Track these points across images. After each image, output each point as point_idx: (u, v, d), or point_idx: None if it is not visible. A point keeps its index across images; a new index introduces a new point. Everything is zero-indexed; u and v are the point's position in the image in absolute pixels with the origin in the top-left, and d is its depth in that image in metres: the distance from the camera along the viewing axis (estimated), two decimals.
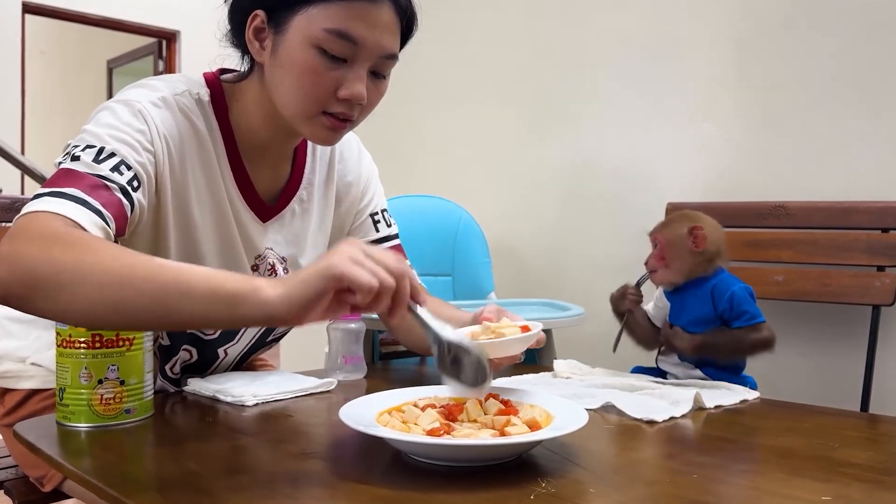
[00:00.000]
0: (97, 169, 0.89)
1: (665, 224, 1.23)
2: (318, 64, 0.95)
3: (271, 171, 1.12)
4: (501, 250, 2.26)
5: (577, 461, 0.77)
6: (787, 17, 1.79)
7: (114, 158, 0.91)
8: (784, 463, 0.79)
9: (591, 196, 2.15)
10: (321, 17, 0.93)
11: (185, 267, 0.76)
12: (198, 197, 1.03)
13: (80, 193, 0.85)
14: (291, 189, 1.15)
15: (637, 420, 0.94)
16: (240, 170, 1.07)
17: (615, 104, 2.10)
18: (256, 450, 0.84)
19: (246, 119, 1.06)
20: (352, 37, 0.94)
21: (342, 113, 0.98)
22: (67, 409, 0.90)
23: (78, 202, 0.84)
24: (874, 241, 1.60)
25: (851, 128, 1.70)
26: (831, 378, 1.72)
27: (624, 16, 2.08)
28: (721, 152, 1.90)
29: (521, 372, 1.24)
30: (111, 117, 0.95)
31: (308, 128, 1.00)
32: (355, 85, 0.96)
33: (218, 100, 1.06)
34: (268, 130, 1.06)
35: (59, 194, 0.84)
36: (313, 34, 0.94)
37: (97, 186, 0.87)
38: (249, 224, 1.09)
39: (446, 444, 0.73)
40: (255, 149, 1.08)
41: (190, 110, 1.02)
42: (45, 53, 6.51)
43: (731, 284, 1.17)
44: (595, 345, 1.91)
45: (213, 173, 1.04)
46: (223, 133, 1.06)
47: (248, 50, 1.02)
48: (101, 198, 0.87)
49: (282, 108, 1.00)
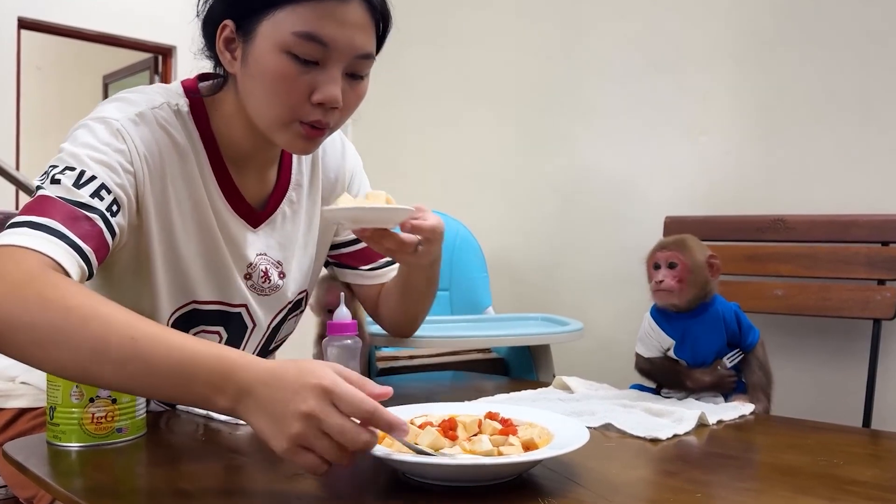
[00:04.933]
0: (77, 195, 0.87)
1: (683, 246, 1.16)
2: (289, 69, 0.92)
3: (258, 176, 1.10)
4: (498, 264, 2.25)
5: (579, 480, 0.76)
6: (783, 30, 1.80)
7: (94, 182, 0.89)
8: (788, 481, 0.78)
9: (589, 210, 2.14)
10: (288, 21, 0.91)
11: (161, 349, 0.73)
12: (181, 212, 1.01)
13: (59, 226, 0.84)
14: (280, 192, 1.12)
15: (639, 438, 0.93)
16: (225, 178, 1.05)
17: (612, 118, 2.09)
18: (250, 470, 0.82)
19: (227, 129, 1.04)
20: (321, 38, 0.91)
21: (317, 121, 0.96)
22: (58, 428, 0.88)
23: (56, 236, 0.83)
24: (874, 254, 1.60)
25: (851, 141, 1.70)
26: (832, 393, 1.71)
27: (622, 30, 2.08)
28: (719, 166, 1.90)
29: (521, 388, 1.23)
30: (90, 136, 0.93)
31: (283, 137, 0.98)
32: (329, 88, 0.93)
33: (198, 110, 1.03)
34: (249, 140, 1.04)
35: (37, 226, 0.83)
36: (282, 39, 0.91)
37: (77, 218, 0.86)
38: (239, 232, 1.07)
39: (445, 464, 0.72)
40: (239, 157, 1.06)
41: (169, 123, 1.00)
42: (41, 69, 6.52)
43: (731, 307, 1.17)
44: (592, 359, 1.90)
45: (195, 186, 1.02)
46: (205, 143, 1.03)
47: (219, 61, 1.00)
48: (81, 230, 0.85)
49: (256, 119, 0.99)
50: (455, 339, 1.54)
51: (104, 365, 0.74)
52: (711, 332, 1.15)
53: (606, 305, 2.04)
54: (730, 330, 1.15)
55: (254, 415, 0.71)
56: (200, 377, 0.72)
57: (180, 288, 1.04)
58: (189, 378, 0.73)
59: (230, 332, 1.11)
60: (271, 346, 1.21)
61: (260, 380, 0.71)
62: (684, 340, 1.17)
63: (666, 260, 1.15)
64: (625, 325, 1.77)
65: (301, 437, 0.68)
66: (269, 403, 0.70)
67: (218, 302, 1.07)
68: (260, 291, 1.11)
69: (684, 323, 1.16)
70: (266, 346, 1.19)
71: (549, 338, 1.58)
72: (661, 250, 1.17)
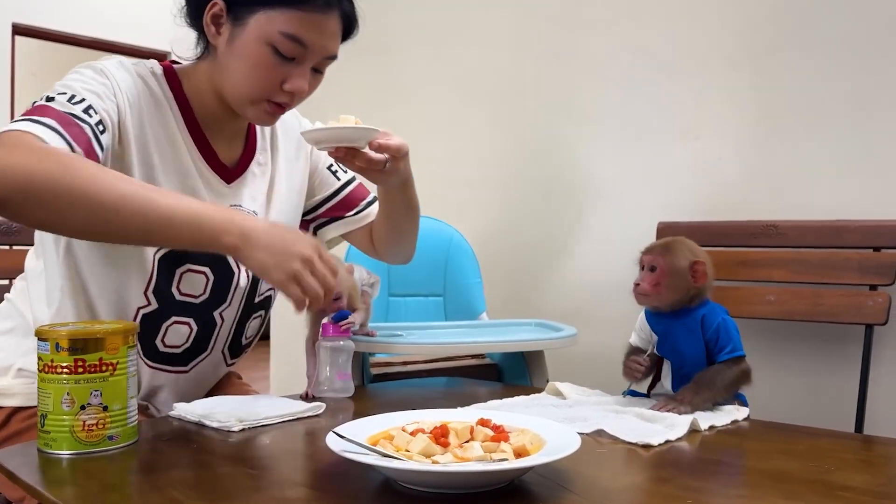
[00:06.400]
0: (70, 108, 0.98)
1: (665, 250, 1.18)
2: (270, 60, 1.06)
3: (227, 144, 1.19)
4: (493, 270, 2.24)
5: (570, 486, 0.76)
6: (777, 36, 1.80)
7: (83, 103, 0.99)
8: (780, 487, 0.78)
9: (583, 215, 2.14)
10: (280, 21, 1.04)
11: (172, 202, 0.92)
12: (160, 153, 1.10)
13: (56, 125, 0.94)
14: (248, 155, 1.23)
15: (631, 444, 0.93)
16: (199, 136, 1.15)
17: (605, 123, 2.10)
18: (242, 477, 0.82)
19: (199, 94, 1.15)
20: (303, 41, 1.06)
21: (284, 103, 1.11)
22: (49, 435, 0.88)
23: (54, 131, 0.93)
24: (866, 259, 1.60)
25: (843, 147, 1.70)
26: (824, 398, 1.71)
27: (614, 36, 2.09)
28: (712, 171, 1.90)
29: (514, 394, 1.23)
30: (77, 74, 1.05)
31: (251, 111, 1.11)
32: (300, 81, 1.09)
33: (170, 74, 1.14)
34: (218, 109, 1.15)
35: (37, 122, 0.93)
36: (270, 34, 1.05)
37: (70, 123, 0.96)
38: (215, 184, 1.17)
39: (437, 471, 0.72)
40: (210, 120, 1.16)
41: (145, 77, 1.11)
42: (35, 75, 6.50)
43: (719, 315, 1.16)
44: (586, 364, 1.90)
45: (172, 134, 1.12)
46: (178, 102, 1.14)
47: (202, 31, 1.11)
48: (73, 133, 0.95)
49: (229, 91, 1.11)
50: (449, 345, 1.55)
51: (126, 217, 0.89)
52: (689, 335, 1.16)
53: (600, 311, 2.04)
54: (706, 337, 1.15)
55: (256, 250, 0.92)
56: (210, 222, 0.92)
57: None
58: (200, 222, 0.92)
59: (216, 275, 1.16)
60: (256, 300, 1.24)
61: (261, 225, 0.94)
62: (666, 338, 1.19)
63: (648, 263, 1.18)
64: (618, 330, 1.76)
65: (297, 273, 0.92)
66: (272, 243, 0.92)
67: None
68: None
69: (668, 322, 1.18)
70: (251, 298, 1.22)
71: (542, 344, 1.58)
72: (646, 253, 1.20)
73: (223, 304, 1.18)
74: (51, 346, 0.87)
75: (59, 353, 0.87)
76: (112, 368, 0.89)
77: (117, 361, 0.89)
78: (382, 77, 2.58)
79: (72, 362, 0.87)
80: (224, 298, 1.18)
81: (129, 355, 0.92)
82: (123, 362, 0.90)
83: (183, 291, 1.14)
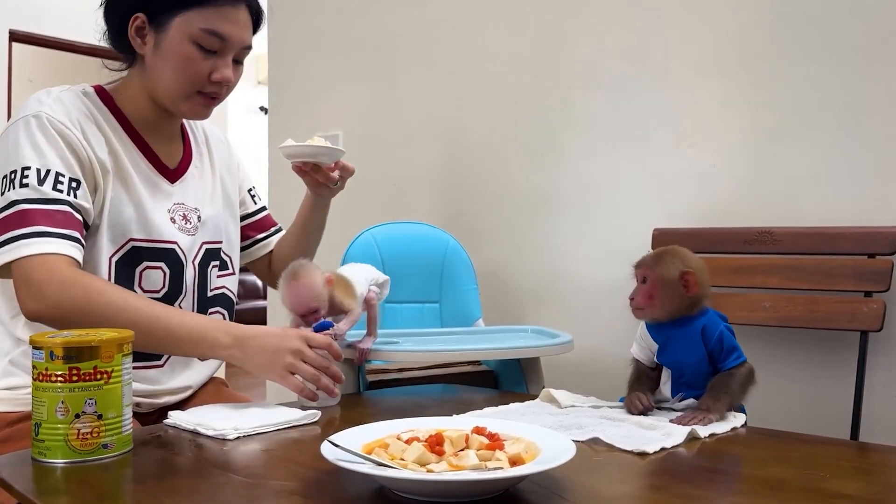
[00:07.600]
0: (44, 193, 1.10)
1: (656, 261, 1.19)
2: (195, 55, 1.19)
3: (166, 148, 1.30)
4: (488, 276, 2.25)
5: (565, 495, 0.76)
6: (772, 44, 1.81)
7: (50, 175, 1.11)
8: (776, 495, 0.78)
9: (578, 221, 2.14)
10: (198, 19, 1.18)
11: (178, 318, 1.13)
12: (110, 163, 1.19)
13: (49, 228, 1.08)
14: (187, 158, 1.35)
15: (627, 452, 0.93)
16: (140, 141, 1.26)
17: (600, 130, 2.10)
18: (237, 486, 0.82)
19: (133, 103, 1.26)
20: (221, 34, 1.19)
21: (213, 92, 1.23)
22: (43, 444, 0.88)
23: (53, 236, 1.08)
24: (861, 266, 1.60)
25: (837, 153, 1.71)
26: (820, 405, 1.71)
27: (608, 43, 2.10)
28: (707, 178, 1.91)
29: (509, 401, 1.23)
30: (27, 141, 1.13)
31: (186, 105, 1.23)
32: (225, 71, 1.22)
33: (102, 92, 1.25)
34: (152, 114, 1.26)
35: (36, 234, 1.07)
36: (191, 32, 1.18)
37: (53, 214, 1.09)
38: (159, 185, 1.27)
39: (432, 480, 0.72)
40: (146, 125, 1.27)
41: (80, 99, 1.21)
42: (32, 81, 6.49)
43: (719, 324, 1.16)
44: (582, 371, 1.90)
45: (113, 144, 1.21)
46: (114, 114, 1.24)
47: (127, 46, 1.22)
48: (61, 222, 1.09)
49: (163, 90, 1.22)
50: (445, 352, 1.54)
51: (139, 338, 0.97)
52: (689, 345, 1.16)
53: (596, 318, 2.04)
54: (708, 347, 1.15)
55: (252, 354, 1.11)
56: (209, 333, 1.12)
57: (119, 229, 1.20)
58: (201, 335, 1.12)
59: (171, 268, 1.26)
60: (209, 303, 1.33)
61: (253, 331, 1.13)
62: (666, 347, 1.19)
63: (640, 275, 1.19)
64: (614, 337, 1.77)
65: (291, 365, 1.11)
66: (265, 345, 1.11)
67: (151, 240, 1.23)
68: (185, 231, 1.29)
69: (668, 331, 1.18)
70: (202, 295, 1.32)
71: (538, 350, 1.57)
72: (637, 266, 1.20)
73: (180, 294, 1.27)
74: (45, 354, 0.87)
75: (54, 362, 0.87)
76: (107, 377, 0.89)
77: (112, 370, 0.89)
78: (378, 86, 2.58)
79: (66, 371, 0.87)
80: (180, 290, 1.27)
81: (124, 363, 0.91)
82: (118, 370, 0.90)
83: (145, 288, 1.23)
